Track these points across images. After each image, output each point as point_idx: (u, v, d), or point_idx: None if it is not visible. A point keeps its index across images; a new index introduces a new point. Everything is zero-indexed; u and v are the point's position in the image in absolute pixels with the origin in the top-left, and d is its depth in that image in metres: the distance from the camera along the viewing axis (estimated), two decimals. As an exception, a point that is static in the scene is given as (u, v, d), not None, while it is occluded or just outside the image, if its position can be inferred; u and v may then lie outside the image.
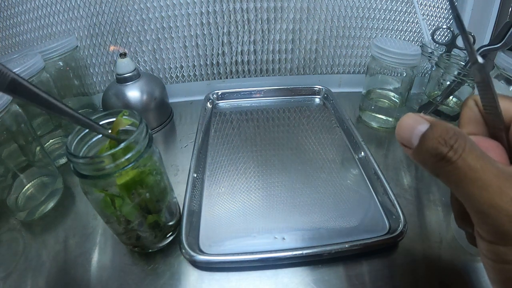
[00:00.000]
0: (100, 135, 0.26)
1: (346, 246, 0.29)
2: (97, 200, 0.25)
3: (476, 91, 0.39)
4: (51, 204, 0.36)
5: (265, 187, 0.38)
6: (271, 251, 0.29)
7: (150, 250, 0.30)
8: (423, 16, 0.52)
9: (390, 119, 0.47)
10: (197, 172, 0.39)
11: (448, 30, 0.49)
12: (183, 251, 0.29)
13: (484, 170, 0.13)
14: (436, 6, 0.53)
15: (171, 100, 0.54)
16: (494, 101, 0.16)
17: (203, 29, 0.52)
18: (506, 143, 0.16)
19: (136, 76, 0.46)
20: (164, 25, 0.51)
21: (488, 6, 0.47)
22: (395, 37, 0.55)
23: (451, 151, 0.13)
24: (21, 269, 0.29)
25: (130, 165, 0.23)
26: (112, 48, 0.45)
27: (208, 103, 0.54)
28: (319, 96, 0.56)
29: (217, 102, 0.56)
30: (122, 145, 0.22)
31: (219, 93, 0.56)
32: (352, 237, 0.31)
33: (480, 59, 0.15)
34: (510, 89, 0.35)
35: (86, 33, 0.50)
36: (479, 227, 0.14)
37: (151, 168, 0.26)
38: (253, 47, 0.54)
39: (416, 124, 0.14)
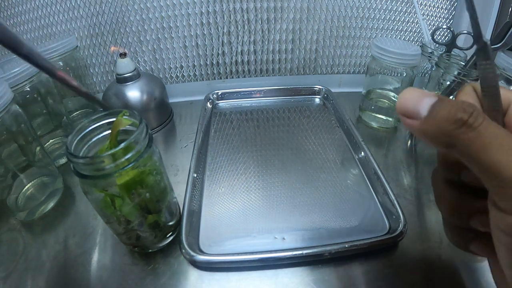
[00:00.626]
0: (100, 135, 0.26)
1: (346, 246, 0.29)
2: (97, 200, 0.25)
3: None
4: (51, 204, 0.36)
5: (265, 187, 0.38)
6: (271, 251, 0.29)
7: (150, 250, 0.30)
8: (423, 16, 0.52)
9: (390, 119, 0.47)
10: (197, 172, 0.39)
11: (448, 30, 0.49)
12: (183, 251, 0.29)
13: (510, 136, 0.13)
14: (436, 6, 0.53)
15: (171, 100, 0.54)
16: (495, 80, 0.15)
17: (203, 29, 0.52)
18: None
19: (136, 76, 0.46)
20: (164, 25, 0.51)
21: (488, 6, 0.47)
22: (395, 37, 0.55)
23: (471, 117, 0.13)
24: (21, 269, 0.29)
25: (130, 165, 0.23)
26: (112, 49, 0.45)
27: (208, 103, 0.54)
28: (319, 96, 0.56)
29: (217, 102, 0.56)
30: (122, 145, 0.22)
31: (219, 93, 0.56)
32: (352, 237, 0.31)
33: (485, 38, 0.14)
34: (510, 89, 0.35)
35: (86, 33, 0.50)
36: (501, 198, 0.13)
37: (151, 168, 0.26)
38: (253, 47, 0.54)
39: (422, 96, 0.14)
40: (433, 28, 0.50)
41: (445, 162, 0.17)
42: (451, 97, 0.42)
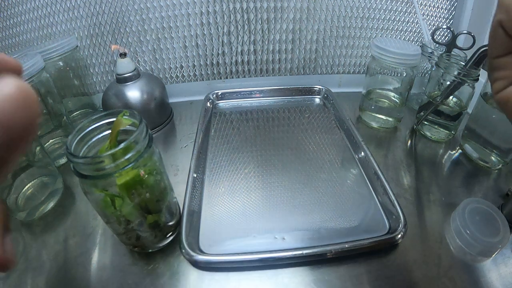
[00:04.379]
0: (100, 135, 0.26)
1: (346, 246, 0.29)
2: (97, 200, 0.25)
3: (475, 91, 0.38)
4: (51, 204, 0.36)
5: (265, 187, 0.38)
6: (271, 251, 0.29)
7: (150, 250, 0.30)
8: (423, 16, 0.52)
9: (390, 119, 0.47)
10: (197, 172, 0.39)
11: (448, 30, 0.49)
12: (183, 251, 0.29)
13: None
14: (436, 6, 0.53)
15: (171, 100, 0.54)
16: None
17: (203, 29, 0.52)
18: None
19: (136, 76, 0.46)
20: (164, 25, 0.51)
21: (488, 6, 0.47)
22: (395, 37, 0.55)
23: None
24: (21, 269, 0.29)
25: (130, 165, 0.23)
26: (113, 47, 0.45)
27: (208, 103, 0.54)
28: (319, 96, 0.57)
29: (217, 102, 0.56)
30: (122, 145, 0.22)
31: (219, 93, 0.56)
32: (352, 237, 0.31)
33: None
34: (510, 89, 0.35)
35: (86, 33, 0.50)
36: None
37: (151, 168, 0.26)
38: (253, 47, 0.54)
39: None
40: (433, 28, 0.50)
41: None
42: (451, 97, 0.42)
